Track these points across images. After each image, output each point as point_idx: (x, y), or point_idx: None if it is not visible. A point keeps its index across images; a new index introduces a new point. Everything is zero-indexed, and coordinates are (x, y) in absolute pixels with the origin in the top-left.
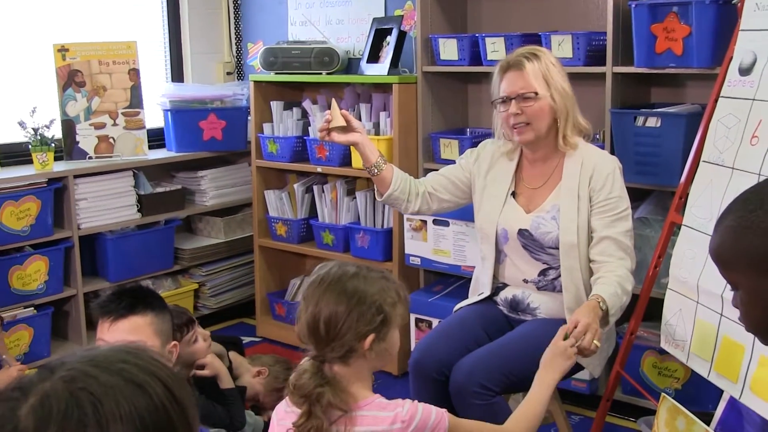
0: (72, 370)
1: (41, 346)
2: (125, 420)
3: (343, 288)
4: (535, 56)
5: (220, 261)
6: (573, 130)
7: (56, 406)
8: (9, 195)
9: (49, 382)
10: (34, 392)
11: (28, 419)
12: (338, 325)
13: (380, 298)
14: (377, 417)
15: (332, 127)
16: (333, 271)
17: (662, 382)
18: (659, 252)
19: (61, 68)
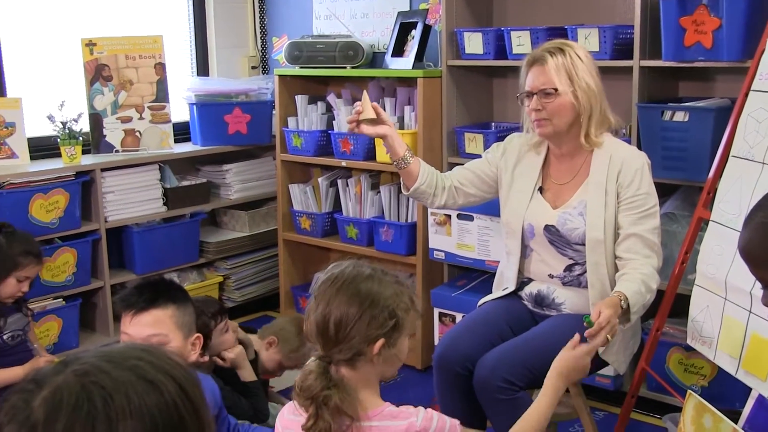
0: (85, 365)
1: (70, 336)
2: (135, 415)
3: (356, 289)
4: (560, 51)
5: (244, 254)
6: (599, 127)
7: (67, 398)
8: (38, 188)
9: (62, 375)
10: (47, 385)
11: (39, 410)
12: (348, 326)
13: (393, 302)
14: (389, 427)
15: (362, 119)
16: (347, 271)
17: (688, 379)
18: (686, 248)
19: (88, 62)
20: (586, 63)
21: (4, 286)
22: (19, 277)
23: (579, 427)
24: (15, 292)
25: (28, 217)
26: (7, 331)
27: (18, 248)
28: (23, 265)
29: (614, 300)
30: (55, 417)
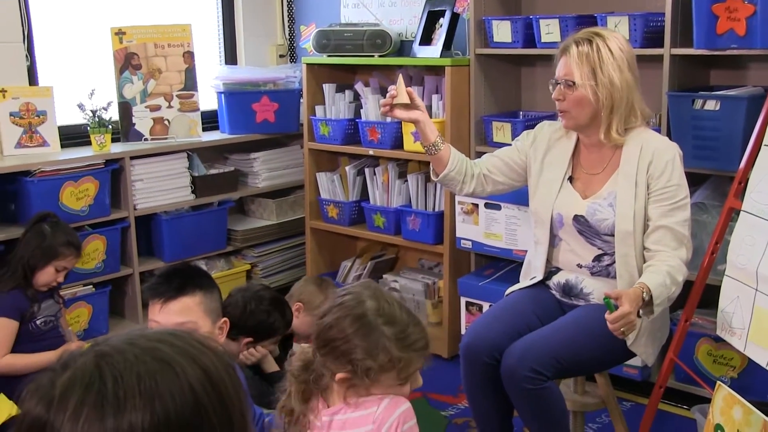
0: (107, 346)
1: (100, 323)
2: (144, 395)
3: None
4: (588, 41)
5: (272, 242)
6: (624, 122)
7: (81, 377)
8: (69, 176)
9: (84, 356)
10: (71, 365)
11: (58, 388)
12: (325, 348)
13: (371, 351)
14: (349, 420)
15: (396, 103)
16: (358, 303)
17: (717, 370)
18: (716, 238)
19: (118, 51)
20: (617, 56)
21: (43, 274)
22: (58, 267)
23: (606, 417)
24: (51, 281)
25: (59, 204)
26: (40, 316)
27: (61, 238)
28: (64, 255)
29: (636, 292)
30: (69, 395)
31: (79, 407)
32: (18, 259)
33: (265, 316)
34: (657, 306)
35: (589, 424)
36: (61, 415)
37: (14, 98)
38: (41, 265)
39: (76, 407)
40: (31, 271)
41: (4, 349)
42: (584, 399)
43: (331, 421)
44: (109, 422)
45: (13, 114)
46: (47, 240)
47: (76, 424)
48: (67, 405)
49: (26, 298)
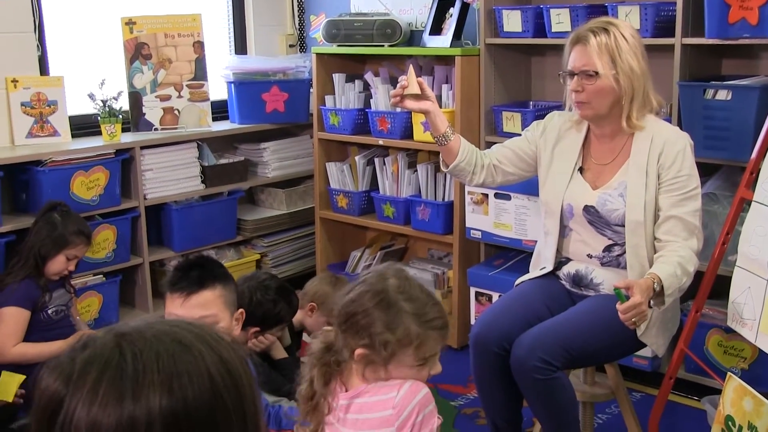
0: (127, 327)
1: (110, 312)
2: (162, 374)
3: (372, 301)
4: (605, 31)
5: (281, 232)
6: (641, 109)
7: (101, 353)
8: (80, 165)
9: (104, 336)
10: (91, 345)
11: (77, 364)
12: (346, 324)
13: (390, 328)
14: (368, 403)
15: (407, 93)
16: (381, 281)
17: (728, 361)
18: (727, 228)
19: (128, 41)
20: (632, 44)
21: (54, 263)
22: (69, 255)
23: (616, 407)
24: (63, 269)
25: (70, 194)
26: (51, 306)
27: (71, 227)
28: (74, 244)
29: (647, 282)
30: (88, 370)
31: (98, 383)
32: (29, 248)
33: (272, 305)
34: (668, 297)
35: (598, 415)
36: (79, 390)
37: (25, 88)
38: (52, 254)
39: (95, 383)
40: (43, 260)
41: (16, 338)
42: (594, 389)
43: (349, 405)
44: (127, 402)
45: (24, 104)
46: (58, 229)
47: (94, 399)
48: (85, 380)
49: (38, 288)
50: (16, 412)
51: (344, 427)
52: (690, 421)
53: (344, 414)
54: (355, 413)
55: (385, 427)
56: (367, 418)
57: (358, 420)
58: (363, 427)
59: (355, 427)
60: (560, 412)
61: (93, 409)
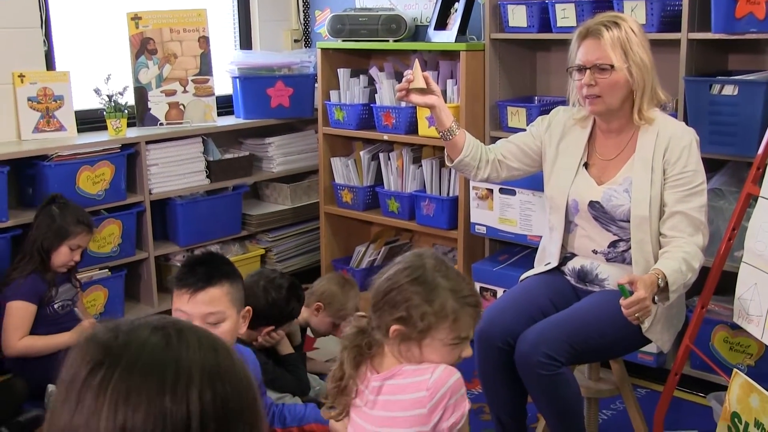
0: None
1: (115, 306)
2: (204, 344)
3: (407, 277)
4: (615, 25)
5: (286, 227)
6: (650, 103)
7: (141, 333)
8: (85, 160)
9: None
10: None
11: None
12: (379, 302)
13: (420, 303)
14: (401, 385)
15: (412, 87)
16: (418, 259)
17: (734, 357)
18: (734, 224)
19: (134, 36)
20: (640, 38)
21: (58, 255)
22: (72, 246)
23: (620, 403)
24: (68, 260)
25: (75, 188)
26: (57, 300)
27: (70, 218)
28: (75, 233)
29: (652, 278)
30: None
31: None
32: (31, 243)
33: (285, 303)
34: (672, 292)
35: (603, 411)
36: (122, 356)
37: (32, 83)
38: (55, 246)
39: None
40: (46, 253)
41: (22, 332)
42: (598, 385)
43: (381, 387)
44: (167, 393)
45: (30, 99)
46: (57, 221)
47: (134, 366)
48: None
49: (44, 282)
50: (23, 405)
51: (373, 409)
52: (695, 418)
53: (375, 396)
54: (387, 395)
55: (417, 409)
56: (399, 399)
57: (389, 401)
58: (394, 408)
59: (386, 408)
60: (565, 408)
61: (134, 375)
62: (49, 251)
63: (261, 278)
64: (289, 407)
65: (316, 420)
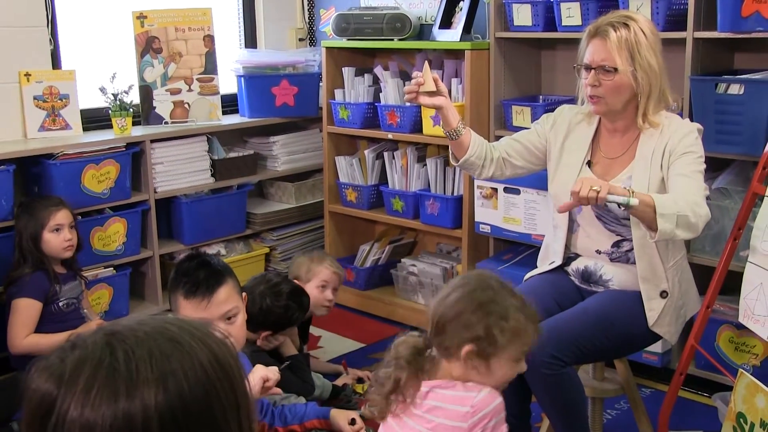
0: (116, 326)
1: (120, 304)
2: (156, 371)
3: (471, 295)
4: (624, 25)
5: (290, 226)
6: (656, 106)
7: (92, 352)
8: (91, 158)
9: (94, 335)
10: (81, 345)
11: (68, 365)
12: (447, 322)
13: (496, 320)
14: (446, 395)
15: (422, 91)
16: (475, 278)
17: (739, 357)
18: (739, 223)
19: (139, 35)
20: (650, 40)
21: (46, 243)
22: (52, 228)
23: (625, 403)
24: (60, 243)
25: (81, 187)
26: (62, 298)
27: (37, 205)
28: (47, 216)
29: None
30: (80, 370)
31: (90, 382)
32: (19, 247)
33: (284, 311)
34: (661, 217)
35: (607, 411)
36: (71, 390)
37: (38, 82)
38: (39, 236)
39: (87, 382)
40: (37, 248)
41: (28, 329)
42: (603, 385)
43: (428, 392)
44: (121, 400)
45: (36, 97)
46: (28, 215)
47: (87, 399)
48: (77, 380)
49: (49, 280)
50: (17, 410)
51: (416, 409)
52: (700, 418)
53: (421, 400)
54: (434, 400)
55: (457, 421)
56: (444, 407)
57: (434, 407)
58: (437, 414)
59: (429, 411)
60: (569, 408)
61: (86, 410)
62: (37, 244)
63: (262, 283)
64: (289, 407)
65: (316, 416)
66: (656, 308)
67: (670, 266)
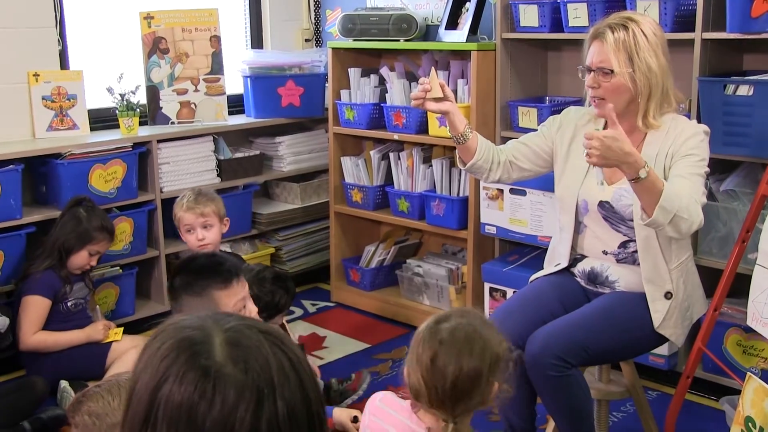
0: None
1: (126, 304)
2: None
3: (481, 343)
4: (623, 27)
5: (296, 226)
6: (659, 108)
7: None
8: (98, 158)
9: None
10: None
11: (221, 354)
12: (474, 379)
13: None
14: None
15: (429, 97)
16: (464, 324)
17: (747, 361)
18: (747, 226)
19: (146, 35)
20: (652, 41)
21: (77, 258)
22: (92, 251)
23: (631, 406)
24: (85, 264)
25: (88, 186)
26: (71, 298)
27: (95, 223)
28: (97, 240)
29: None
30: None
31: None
32: (53, 241)
33: (270, 297)
34: (660, 209)
35: (613, 413)
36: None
37: (46, 82)
38: (76, 248)
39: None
40: (67, 254)
41: (36, 326)
42: (609, 387)
43: None
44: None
45: (45, 97)
46: (82, 224)
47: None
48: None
49: (59, 279)
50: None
51: None
52: (707, 422)
53: None
54: None
55: None
56: None
57: None
58: None
59: None
60: (574, 410)
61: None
62: (70, 252)
63: (246, 273)
64: None
65: None
66: (661, 309)
67: (674, 267)
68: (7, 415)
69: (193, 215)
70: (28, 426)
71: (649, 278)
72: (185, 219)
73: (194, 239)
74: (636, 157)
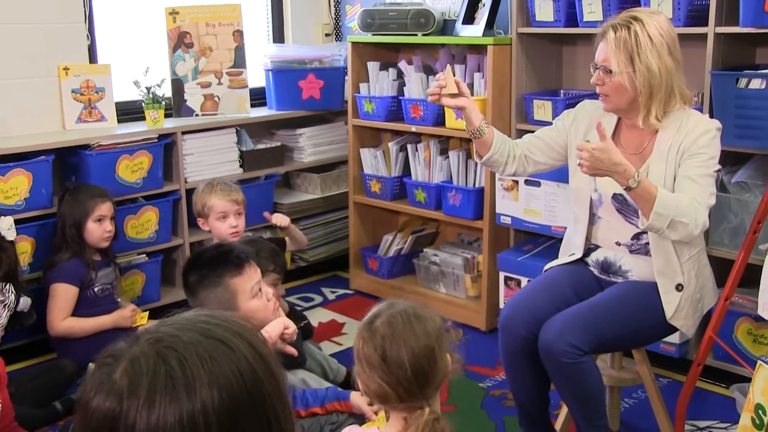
0: (156, 333)
1: (152, 290)
2: (209, 374)
3: (424, 321)
4: (626, 27)
5: (316, 216)
6: (663, 107)
7: (145, 364)
8: (125, 150)
9: (137, 346)
10: (124, 357)
11: (122, 380)
12: (432, 355)
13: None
14: None
15: (444, 93)
16: (404, 308)
17: (757, 349)
18: (759, 217)
19: (171, 30)
20: (656, 41)
21: (88, 233)
22: (95, 219)
23: (642, 392)
24: (101, 234)
25: (115, 177)
26: (97, 284)
27: (84, 196)
28: (93, 207)
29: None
30: (138, 383)
31: (152, 393)
32: (62, 231)
33: (251, 245)
34: (655, 215)
35: (625, 399)
36: (134, 403)
37: (75, 76)
38: (82, 224)
39: (149, 393)
40: (79, 234)
41: (65, 312)
42: (621, 374)
43: None
44: (183, 404)
45: (74, 90)
46: (73, 204)
47: (151, 410)
48: (138, 392)
49: (85, 266)
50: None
51: None
52: (718, 409)
53: None
54: None
55: None
56: None
57: None
58: None
59: None
60: (587, 396)
61: (152, 417)
62: (80, 231)
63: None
64: (310, 392)
65: (336, 398)
66: (673, 301)
67: (685, 260)
68: (39, 396)
69: (229, 202)
70: (60, 407)
71: (661, 271)
72: (219, 206)
73: (227, 226)
74: (625, 166)
